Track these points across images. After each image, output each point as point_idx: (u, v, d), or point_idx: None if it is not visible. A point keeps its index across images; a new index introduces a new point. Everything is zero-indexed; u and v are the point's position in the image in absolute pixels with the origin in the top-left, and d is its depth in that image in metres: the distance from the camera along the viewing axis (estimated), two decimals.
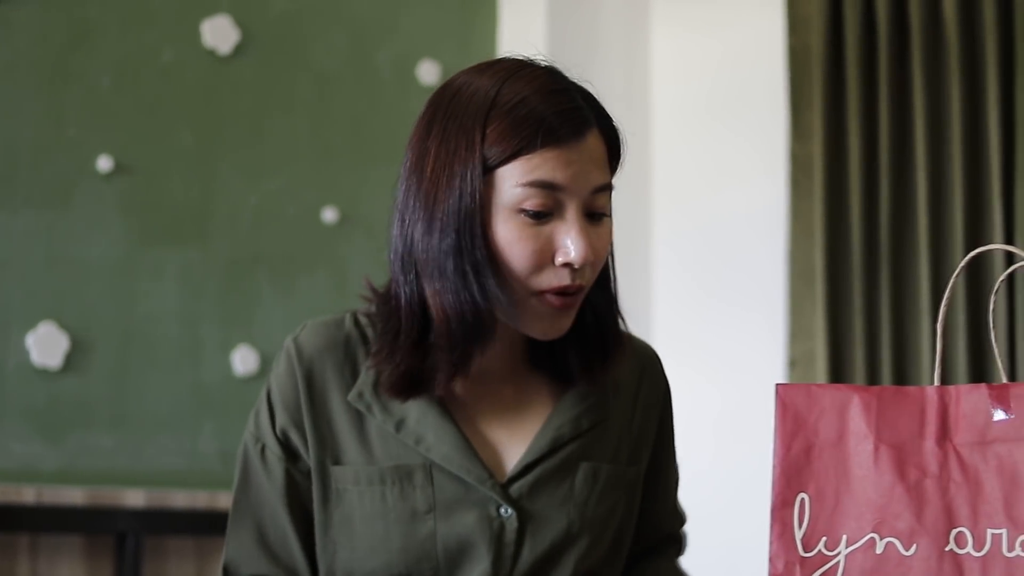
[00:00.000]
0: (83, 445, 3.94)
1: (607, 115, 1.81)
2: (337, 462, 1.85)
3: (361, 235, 4.43)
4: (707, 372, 4.52)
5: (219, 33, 4.26)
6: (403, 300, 1.82)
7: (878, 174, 4.26)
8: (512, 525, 1.83)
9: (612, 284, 1.91)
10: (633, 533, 1.98)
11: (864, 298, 4.23)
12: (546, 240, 1.74)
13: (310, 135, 4.41)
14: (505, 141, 1.72)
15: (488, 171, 1.73)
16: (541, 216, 1.74)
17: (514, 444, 1.88)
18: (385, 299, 1.87)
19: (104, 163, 4.02)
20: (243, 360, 4.18)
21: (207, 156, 4.22)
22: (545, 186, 1.72)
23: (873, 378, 4.17)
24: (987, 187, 4.06)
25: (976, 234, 4.04)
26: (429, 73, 4.62)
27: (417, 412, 1.84)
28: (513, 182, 1.72)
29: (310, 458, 1.85)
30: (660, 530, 2.04)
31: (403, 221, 1.82)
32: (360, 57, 4.53)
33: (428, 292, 1.79)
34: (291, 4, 4.42)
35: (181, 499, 3.99)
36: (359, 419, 1.86)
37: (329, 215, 4.37)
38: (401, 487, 1.82)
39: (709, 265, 4.68)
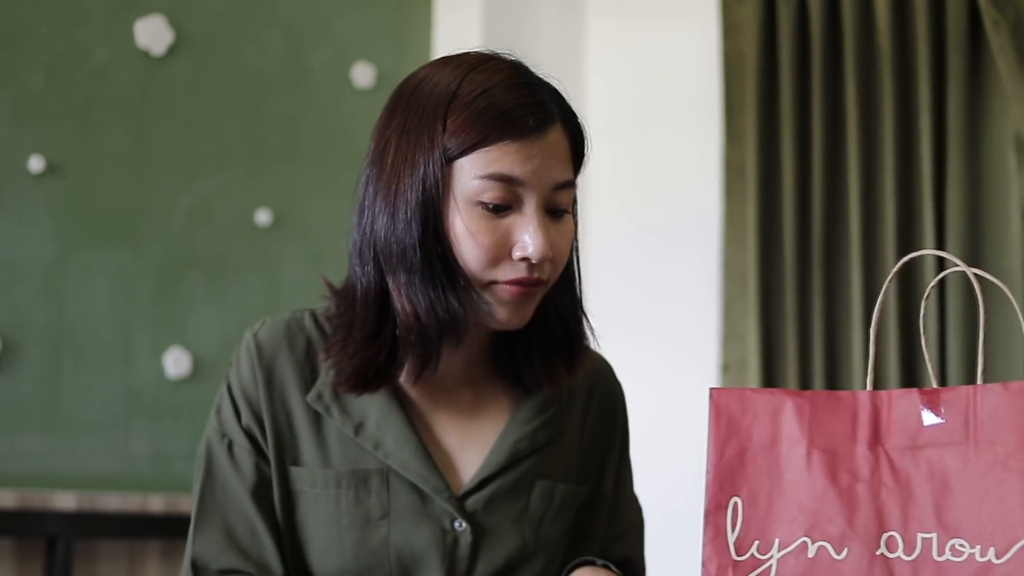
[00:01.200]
0: (13, 447, 3.91)
1: (572, 112, 1.80)
2: (295, 463, 1.83)
3: (295, 237, 4.41)
4: (641, 376, 4.52)
5: (153, 33, 4.24)
6: (359, 291, 1.80)
7: (811, 179, 4.28)
8: (466, 539, 1.82)
9: (577, 285, 1.89)
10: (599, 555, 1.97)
11: (797, 303, 4.24)
12: (504, 234, 1.72)
13: (244, 137, 4.39)
14: (465, 132, 1.70)
15: (448, 162, 1.71)
16: (500, 209, 1.72)
17: (470, 452, 1.87)
18: (343, 293, 1.86)
19: (35, 163, 4.00)
20: (175, 362, 4.16)
21: (140, 157, 4.19)
22: (504, 179, 1.70)
23: (806, 382, 4.19)
24: (919, 193, 4.08)
25: (908, 239, 4.06)
26: (364, 75, 4.61)
27: (377, 415, 1.83)
28: (472, 174, 1.70)
29: (271, 456, 1.83)
30: (622, 553, 2.02)
31: (362, 212, 1.79)
32: (295, 59, 4.52)
33: (392, 285, 1.77)
34: (226, 5, 4.40)
35: (112, 502, 3.96)
36: (317, 420, 1.84)
37: (262, 217, 4.35)
38: (356, 492, 1.80)
39: (643, 269, 4.69)
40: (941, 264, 3.98)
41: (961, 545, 1.55)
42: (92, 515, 3.92)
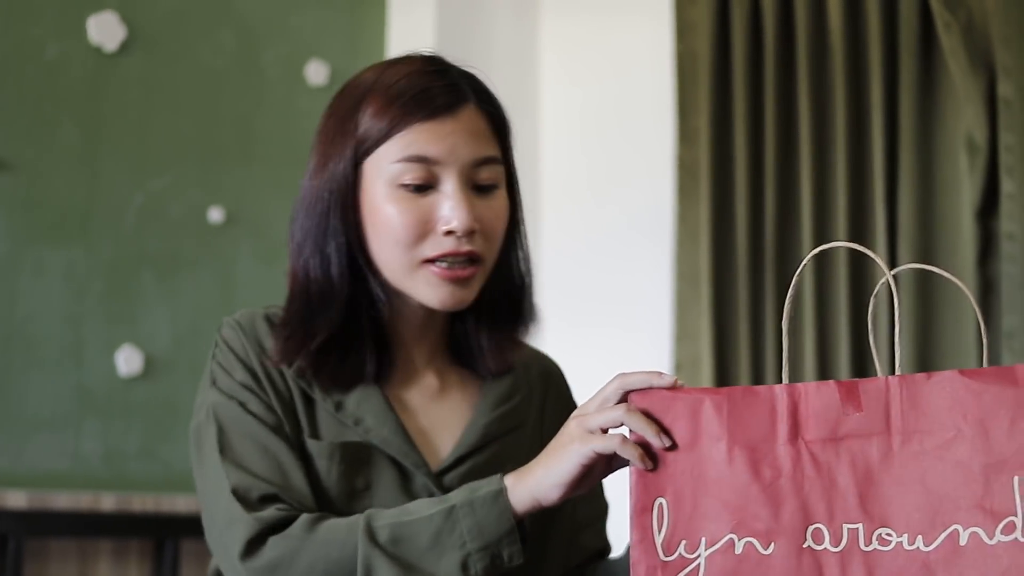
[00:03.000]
0: None
1: (487, 91, 1.86)
2: (293, 430, 1.86)
3: (247, 235, 4.40)
4: (593, 374, 4.52)
5: (105, 29, 4.22)
6: (295, 284, 1.88)
7: (764, 178, 4.29)
8: None
9: (521, 263, 1.95)
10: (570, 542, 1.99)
11: (749, 301, 4.26)
12: (427, 210, 1.79)
13: (197, 134, 4.38)
14: (379, 121, 1.78)
15: (367, 153, 1.79)
16: (421, 189, 1.78)
17: (441, 433, 1.93)
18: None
19: None
20: (127, 360, 4.14)
21: (92, 154, 4.18)
22: (420, 160, 1.77)
23: (759, 379, 4.20)
24: (871, 193, 4.10)
25: (860, 239, 4.07)
26: (317, 73, 4.60)
27: (358, 395, 1.88)
28: (390, 159, 1.78)
29: (286, 425, 1.86)
30: (599, 540, 2.04)
31: (294, 218, 1.89)
32: (248, 56, 4.51)
33: (296, 264, 1.86)
34: (179, 2, 4.39)
35: (63, 500, 3.95)
36: (304, 394, 1.88)
37: (215, 215, 4.34)
38: (343, 464, 1.84)
39: (596, 268, 4.70)
40: (893, 259, 3.99)
41: (888, 534, 1.57)
42: (43, 514, 3.90)
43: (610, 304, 4.65)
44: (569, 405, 2.09)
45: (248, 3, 4.52)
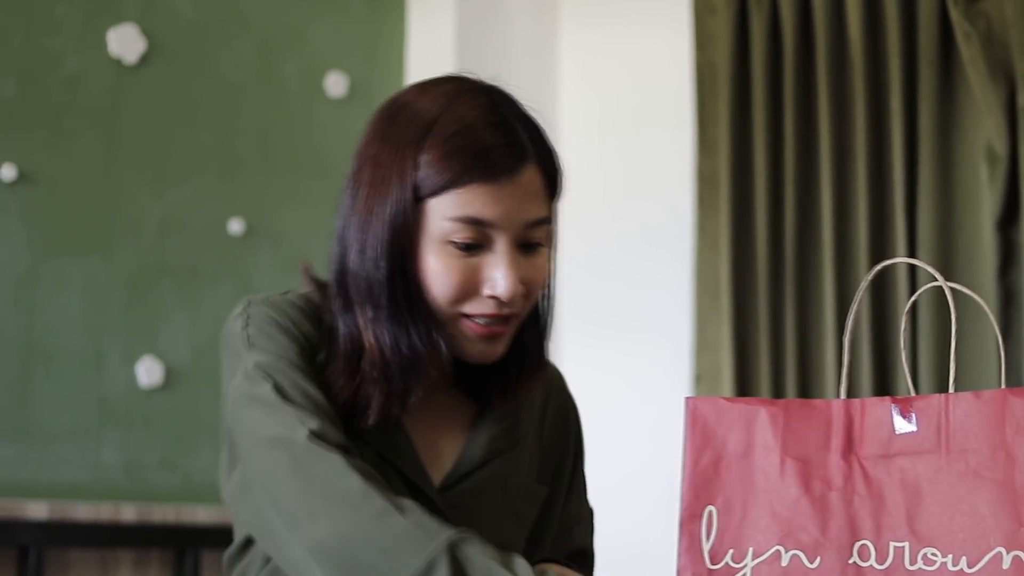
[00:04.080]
0: None
1: (548, 146, 1.82)
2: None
3: (267, 247, 4.41)
4: (614, 386, 4.53)
5: (125, 42, 4.23)
6: (340, 326, 1.82)
7: (783, 189, 4.29)
8: None
9: (544, 315, 1.91)
10: (542, 549, 1.98)
11: (769, 312, 4.25)
12: (473, 271, 1.75)
13: (216, 146, 4.38)
14: (437, 173, 1.72)
15: (420, 200, 1.73)
16: (471, 248, 1.74)
17: (443, 451, 1.90)
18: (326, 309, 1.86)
19: (7, 172, 3.98)
20: (148, 372, 4.15)
21: (112, 166, 4.18)
22: (474, 222, 1.72)
23: (778, 392, 4.20)
24: (891, 204, 4.10)
25: (880, 250, 4.07)
26: (336, 85, 4.60)
27: None
28: (443, 215, 1.72)
29: None
30: (569, 545, 2.04)
31: (341, 240, 1.81)
32: (267, 68, 4.51)
33: (361, 320, 1.79)
34: (199, 14, 4.40)
35: (84, 511, 3.95)
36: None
37: (235, 226, 4.34)
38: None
39: (615, 279, 4.70)
40: (913, 274, 3.99)
41: (933, 554, 1.56)
42: (64, 524, 3.90)
43: (629, 316, 4.65)
44: (568, 409, 2.07)
45: (267, 15, 4.53)
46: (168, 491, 4.16)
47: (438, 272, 1.74)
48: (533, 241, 1.78)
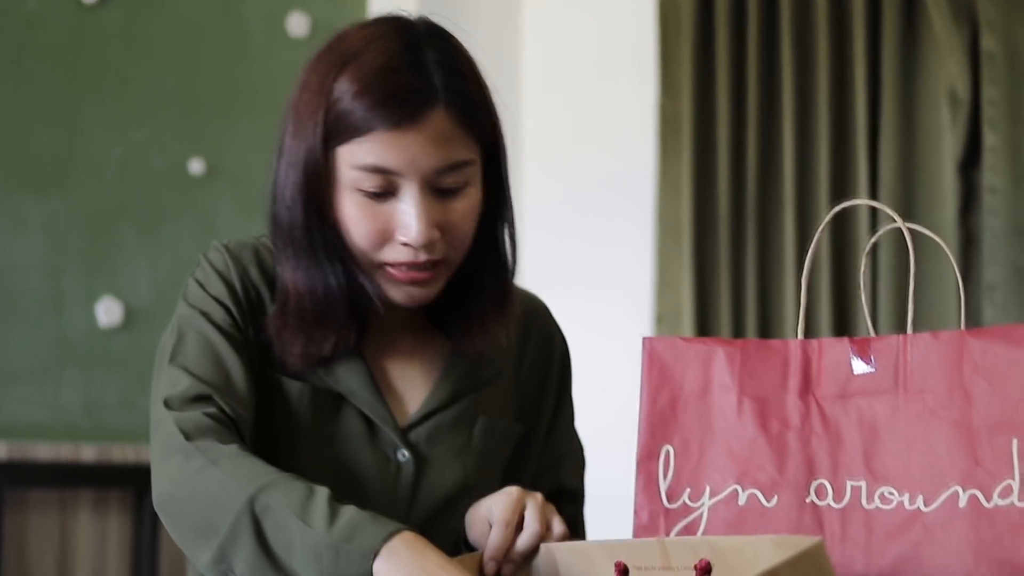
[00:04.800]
0: None
1: (465, 87, 1.76)
2: (270, 365, 1.83)
3: (227, 187, 4.38)
4: (575, 327, 4.52)
5: None
6: (278, 270, 1.83)
7: (746, 131, 4.29)
8: (409, 470, 1.84)
9: (503, 248, 1.89)
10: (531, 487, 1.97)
11: (730, 254, 4.26)
12: (386, 219, 1.74)
13: (177, 86, 4.35)
14: (343, 120, 1.71)
15: (331, 148, 1.73)
16: (379, 195, 1.73)
17: (412, 390, 1.89)
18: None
19: None
20: (107, 312, 4.13)
21: (71, 106, 4.15)
22: (377, 170, 1.71)
23: (739, 333, 4.21)
24: (853, 146, 4.10)
25: (841, 192, 4.08)
26: (298, 25, 4.57)
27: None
28: (349, 163, 1.72)
29: (251, 345, 1.82)
30: (553, 483, 2.03)
31: (271, 185, 1.82)
32: (228, 8, 4.48)
33: (284, 265, 1.80)
34: None
35: (44, 451, 3.94)
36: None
37: (196, 167, 4.32)
38: (314, 408, 1.82)
39: (578, 220, 4.69)
40: (874, 216, 4.00)
41: (890, 493, 1.57)
42: (23, 465, 3.89)
43: (592, 257, 4.65)
44: (551, 340, 2.05)
45: None
46: (128, 431, 4.15)
47: (352, 219, 1.74)
48: (449, 187, 1.75)
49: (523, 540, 1.66)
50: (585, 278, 4.63)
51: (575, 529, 2.03)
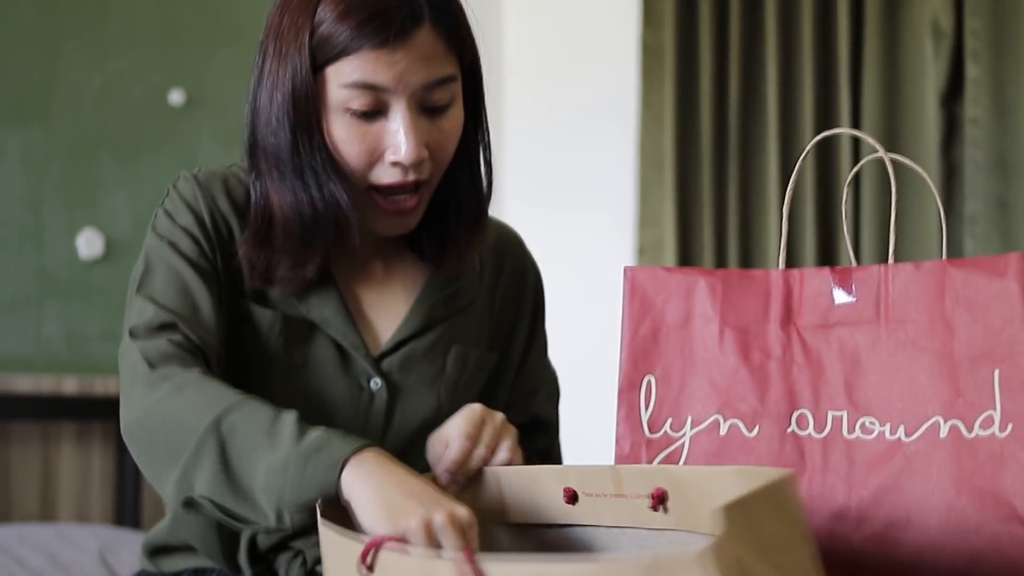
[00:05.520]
0: None
1: (446, 7, 1.78)
2: (240, 294, 1.84)
3: (208, 117, 4.36)
4: (556, 258, 4.53)
5: None
6: (252, 195, 1.83)
7: (728, 62, 4.27)
8: (381, 398, 1.86)
9: (479, 172, 1.91)
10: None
11: (713, 186, 4.26)
12: (375, 138, 1.75)
13: (156, 15, 4.32)
14: (329, 41, 1.72)
15: (318, 69, 1.73)
16: (369, 115, 1.74)
17: (384, 318, 1.91)
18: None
19: None
20: (88, 243, 4.12)
21: (50, 35, 4.12)
22: (367, 87, 1.72)
23: (721, 265, 4.21)
24: (836, 78, 4.09)
25: (824, 124, 4.07)
26: None
27: None
28: (337, 83, 1.73)
29: (218, 272, 1.83)
30: (526, 413, 2.03)
31: (251, 110, 1.82)
32: None
33: (269, 189, 1.80)
34: None
35: (25, 383, 3.94)
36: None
37: (176, 97, 4.30)
38: (285, 336, 1.83)
39: (559, 152, 4.68)
40: (856, 148, 4.00)
41: (871, 423, 1.57)
42: (5, 397, 3.89)
43: (573, 188, 4.64)
44: (525, 271, 2.07)
45: None
46: (109, 363, 4.13)
47: (342, 140, 1.75)
48: (436, 104, 1.77)
49: (473, 457, 1.66)
50: (567, 208, 4.62)
51: (550, 459, 2.04)
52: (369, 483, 1.49)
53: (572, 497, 1.55)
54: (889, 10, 4.02)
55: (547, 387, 2.09)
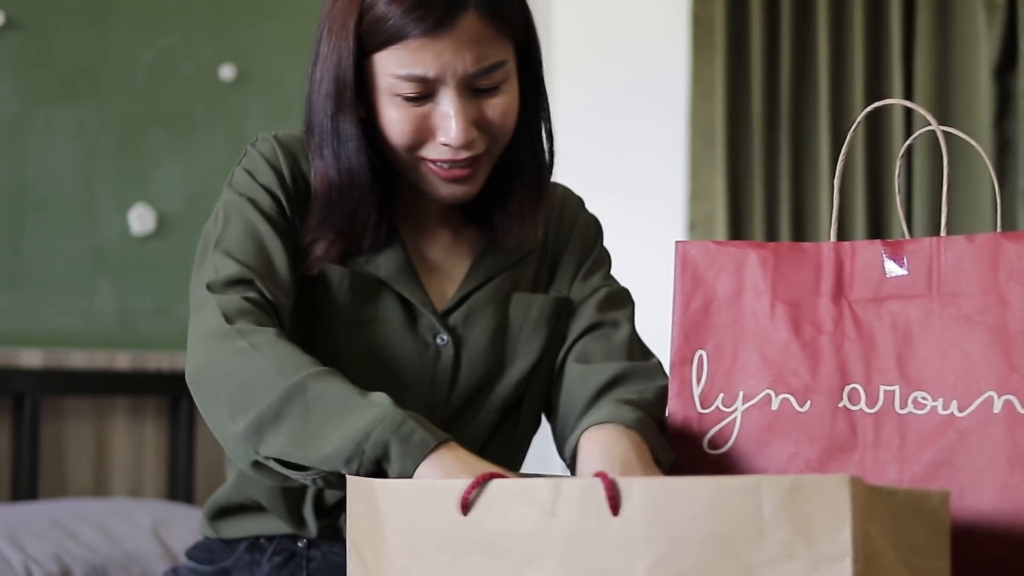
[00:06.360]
0: None
1: None
2: (309, 247, 1.87)
3: (258, 92, 4.37)
4: (608, 233, 4.52)
5: None
6: (312, 171, 1.87)
7: (779, 34, 4.26)
8: (448, 352, 1.89)
9: (540, 143, 1.94)
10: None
11: (764, 159, 4.24)
12: (424, 119, 1.79)
13: None
14: (375, 28, 1.75)
15: (365, 55, 1.77)
16: (418, 99, 1.77)
17: (448, 279, 1.95)
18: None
19: None
20: (140, 219, 4.14)
21: (101, 11, 4.14)
22: (414, 79, 1.75)
23: (772, 239, 4.19)
24: (888, 51, 4.07)
25: (876, 97, 4.05)
26: None
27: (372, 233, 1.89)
28: (386, 70, 1.76)
29: (295, 233, 1.87)
30: (585, 322, 2.01)
31: (309, 88, 1.85)
32: None
33: (319, 166, 1.84)
34: None
35: (79, 359, 3.96)
36: None
37: (226, 72, 4.31)
38: (353, 292, 1.86)
39: (609, 127, 4.67)
40: (909, 120, 3.97)
41: (923, 398, 1.56)
42: (58, 372, 3.91)
43: (624, 163, 4.63)
44: (576, 221, 2.09)
45: None
46: (162, 338, 4.17)
47: (391, 121, 1.78)
48: (484, 86, 1.79)
49: None
50: (617, 183, 4.61)
51: (653, 402, 1.97)
52: (449, 470, 1.51)
53: None
54: None
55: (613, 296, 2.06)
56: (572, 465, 1.73)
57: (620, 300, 2.05)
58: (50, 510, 3.51)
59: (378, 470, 1.55)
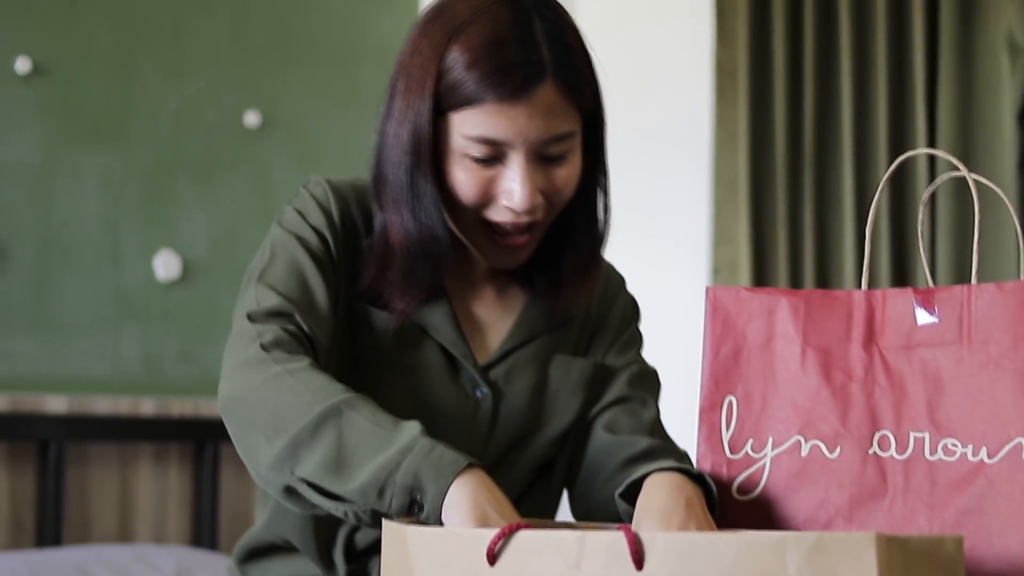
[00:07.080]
0: (3, 350, 3.90)
1: (572, 61, 1.82)
2: (356, 294, 1.90)
3: (283, 138, 4.39)
4: (630, 278, 4.52)
5: None
6: (376, 223, 1.90)
7: (802, 79, 4.26)
8: (487, 404, 1.92)
9: (597, 213, 1.97)
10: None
11: (788, 204, 4.24)
12: (491, 182, 1.81)
13: (232, 37, 4.35)
14: (454, 89, 1.77)
15: (441, 113, 1.79)
16: (487, 161, 1.80)
17: (491, 334, 1.98)
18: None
19: (22, 64, 3.96)
20: (165, 265, 4.15)
21: (127, 57, 4.16)
22: (486, 142, 1.77)
23: (796, 285, 4.19)
24: (911, 95, 4.07)
25: (900, 142, 4.05)
26: None
27: None
28: (459, 131, 1.78)
29: (338, 269, 1.89)
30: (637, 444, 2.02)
31: (378, 143, 1.88)
32: None
33: (388, 220, 1.86)
34: None
35: (103, 404, 3.96)
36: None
37: (251, 118, 4.33)
38: (398, 338, 1.89)
39: (633, 172, 4.68)
40: (932, 166, 3.97)
41: (953, 444, 1.56)
42: (83, 418, 3.91)
43: (647, 208, 4.63)
44: (615, 301, 2.11)
45: None
46: (187, 384, 4.17)
47: (459, 181, 1.81)
48: (553, 155, 1.82)
49: None
50: (641, 229, 4.61)
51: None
52: (475, 498, 1.52)
53: None
54: (964, 26, 4.00)
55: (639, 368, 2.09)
56: (615, 503, 1.75)
57: (650, 380, 2.08)
58: (74, 556, 3.51)
59: (410, 500, 1.56)
